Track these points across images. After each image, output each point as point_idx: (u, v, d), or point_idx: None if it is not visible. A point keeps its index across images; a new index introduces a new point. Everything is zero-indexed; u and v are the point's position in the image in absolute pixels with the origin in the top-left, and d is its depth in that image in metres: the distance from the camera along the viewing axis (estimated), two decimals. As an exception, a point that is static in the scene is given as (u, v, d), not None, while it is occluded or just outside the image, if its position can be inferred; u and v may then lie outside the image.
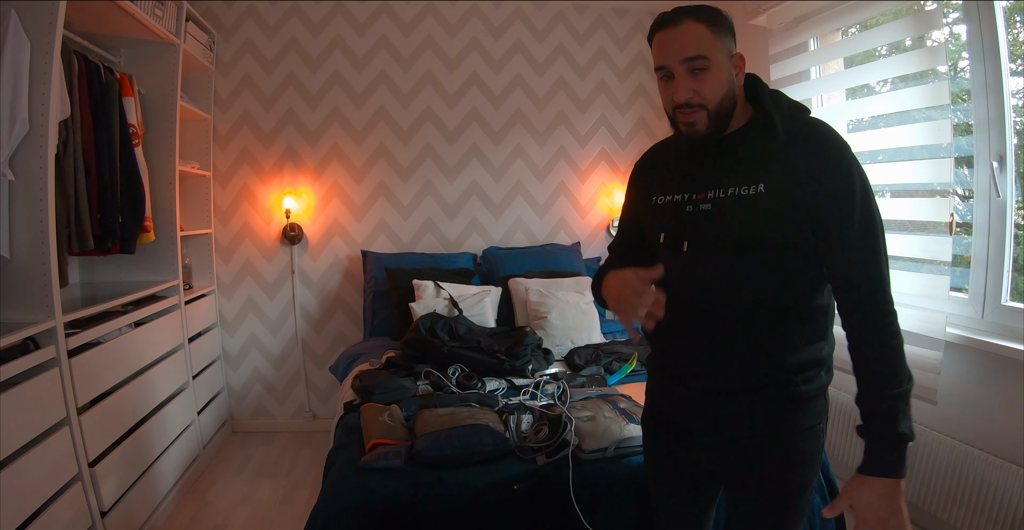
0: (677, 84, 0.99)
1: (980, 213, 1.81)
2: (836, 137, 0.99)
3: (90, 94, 1.96)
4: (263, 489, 2.47)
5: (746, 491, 1.10)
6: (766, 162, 1.00)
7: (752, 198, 0.99)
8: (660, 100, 1.11)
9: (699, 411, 1.10)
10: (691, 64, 0.97)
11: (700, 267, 1.04)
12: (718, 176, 1.04)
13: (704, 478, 1.17)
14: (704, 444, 1.11)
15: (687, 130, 1.03)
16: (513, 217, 3.26)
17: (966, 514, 1.75)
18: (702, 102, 0.99)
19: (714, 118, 1.00)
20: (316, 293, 3.11)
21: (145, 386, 2.14)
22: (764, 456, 1.06)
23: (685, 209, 1.06)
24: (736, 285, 1.02)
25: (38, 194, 1.60)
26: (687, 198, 1.07)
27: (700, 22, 0.98)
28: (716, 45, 0.98)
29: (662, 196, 1.11)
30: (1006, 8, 1.72)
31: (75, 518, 1.64)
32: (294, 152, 3.03)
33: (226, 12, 2.91)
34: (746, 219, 0.99)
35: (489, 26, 3.14)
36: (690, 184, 1.07)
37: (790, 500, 1.08)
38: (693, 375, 1.09)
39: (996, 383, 1.75)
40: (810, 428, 1.06)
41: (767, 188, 0.98)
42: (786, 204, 0.97)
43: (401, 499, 1.40)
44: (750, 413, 1.05)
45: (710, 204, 1.03)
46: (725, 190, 1.02)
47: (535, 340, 2.33)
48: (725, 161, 1.05)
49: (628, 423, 1.62)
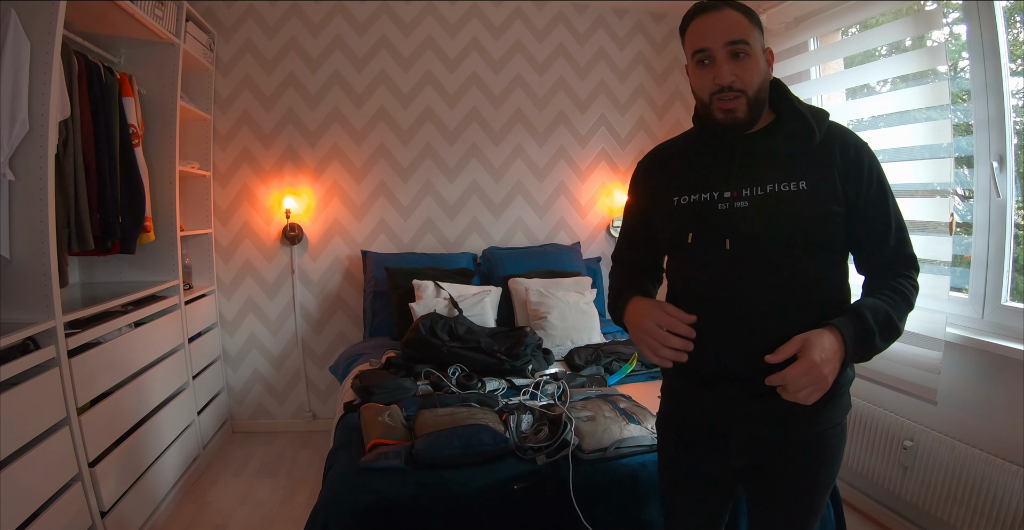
0: (719, 67, 1.00)
1: (980, 213, 1.81)
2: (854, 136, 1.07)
3: (90, 94, 1.96)
4: (263, 489, 2.47)
5: (771, 490, 1.10)
6: (804, 160, 1.03)
7: (794, 194, 1.01)
8: (660, 100, 1.12)
9: (730, 413, 1.07)
10: (734, 47, 0.99)
11: (741, 265, 1.04)
12: (752, 174, 1.05)
13: (724, 480, 1.15)
14: (732, 446, 1.10)
15: (725, 117, 1.02)
16: (513, 217, 3.26)
17: (966, 514, 1.75)
18: (743, 87, 1.00)
19: (752, 106, 1.02)
20: (316, 293, 3.11)
21: (145, 386, 2.14)
22: (792, 455, 1.06)
23: (717, 207, 1.05)
24: (777, 282, 1.02)
25: (38, 194, 1.60)
26: (717, 196, 1.06)
27: (739, 12, 1.01)
28: (753, 35, 1.01)
29: (685, 196, 1.10)
30: (1006, 8, 1.71)
31: (75, 518, 1.63)
32: (294, 152, 3.03)
33: (226, 12, 2.91)
34: (790, 214, 1.01)
35: (489, 26, 3.14)
36: (718, 182, 1.07)
37: (814, 498, 1.08)
38: (727, 377, 1.06)
39: (996, 383, 1.75)
40: (837, 425, 1.06)
41: (809, 184, 1.01)
42: (827, 200, 1.01)
43: (401, 499, 1.40)
44: (782, 412, 1.03)
45: (746, 202, 1.03)
46: (763, 187, 1.03)
47: (535, 340, 2.33)
48: (757, 159, 1.06)
49: (628, 423, 1.62)
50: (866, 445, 2.10)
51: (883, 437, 2.04)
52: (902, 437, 1.96)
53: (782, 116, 1.07)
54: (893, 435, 2.00)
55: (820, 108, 1.10)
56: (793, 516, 1.09)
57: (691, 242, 1.08)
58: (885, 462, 2.03)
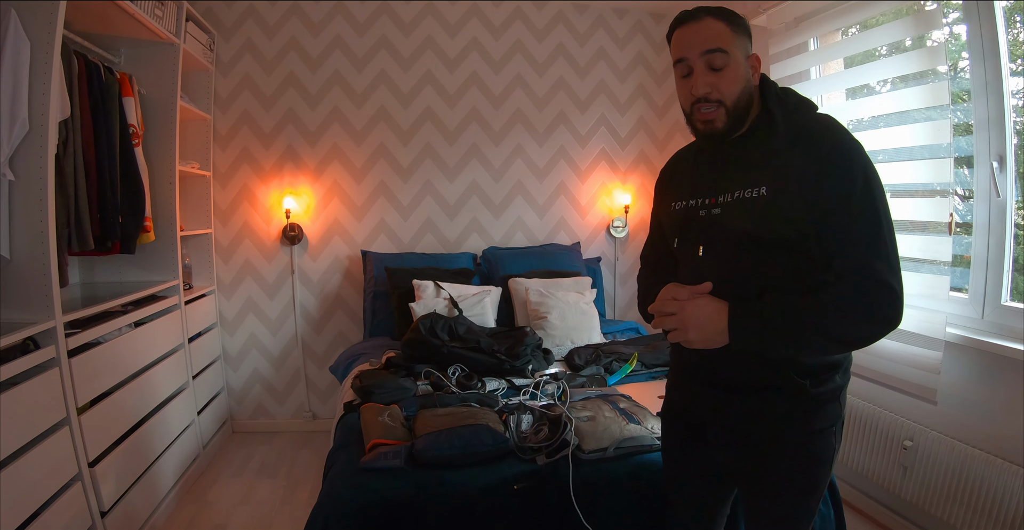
0: (696, 78, 1.01)
1: (980, 213, 1.81)
2: (837, 131, 0.99)
3: (90, 94, 1.96)
4: (263, 489, 2.47)
5: (758, 490, 1.11)
6: (766, 164, 1.02)
7: (754, 201, 1.01)
8: (660, 100, 1.13)
9: (709, 406, 1.13)
10: (711, 57, 1.00)
11: (711, 270, 1.06)
12: (727, 180, 1.07)
13: (719, 474, 1.19)
14: (717, 440, 1.14)
15: (705, 128, 1.04)
16: (513, 217, 3.26)
17: (966, 514, 1.75)
18: (720, 98, 1.01)
19: (732, 115, 1.02)
20: (316, 293, 3.11)
21: (145, 386, 2.14)
22: (776, 456, 1.07)
23: (698, 214, 1.10)
24: (744, 287, 1.03)
25: (38, 194, 1.60)
26: (700, 203, 1.10)
27: (720, 20, 1.01)
28: (735, 42, 1.01)
29: (678, 202, 1.15)
30: (1006, 8, 1.71)
31: (75, 518, 1.63)
32: (294, 152, 3.03)
33: (226, 12, 2.91)
34: (748, 222, 1.01)
35: (489, 26, 3.14)
36: (702, 189, 1.11)
37: (799, 501, 1.09)
38: (704, 371, 1.12)
39: (996, 383, 1.75)
40: (822, 431, 1.06)
41: (768, 190, 1.00)
42: (786, 205, 0.98)
43: (401, 499, 1.40)
44: (760, 412, 1.06)
45: (720, 208, 1.06)
46: (732, 194, 1.05)
47: (535, 340, 2.33)
48: (734, 164, 1.07)
49: (628, 423, 1.62)
50: (866, 445, 2.10)
51: (883, 437, 2.04)
52: (902, 437, 1.96)
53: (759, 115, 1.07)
54: (893, 435, 2.00)
55: (807, 101, 1.06)
56: (778, 516, 1.10)
57: (676, 246, 1.15)
58: (885, 462, 2.03)
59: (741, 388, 1.07)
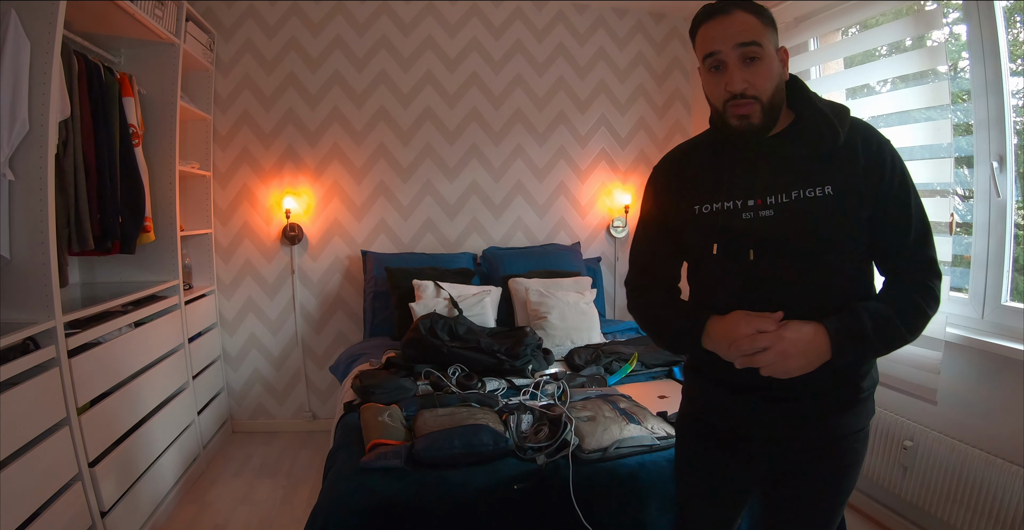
0: (731, 74, 0.97)
1: (980, 213, 1.81)
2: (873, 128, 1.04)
3: (90, 94, 1.96)
4: (263, 489, 2.47)
5: (791, 496, 1.09)
6: (829, 163, 1.00)
7: (820, 200, 0.98)
8: (660, 100, 1.11)
9: (758, 419, 1.06)
10: (745, 50, 0.96)
11: (766, 275, 1.01)
12: (775, 180, 1.01)
13: (743, 483, 1.15)
14: (757, 451, 1.09)
15: (740, 124, 0.99)
16: (513, 217, 3.26)
17: (966, 514, 1.75)
18: (756, 93, 0.97)
19: (767, 110, 0.98)
20: (316, 293, 3.11)
21: (145, 386, 2.14)
22: (817, 460, 1.05)
23: (741, 217, 1.02)
24: (803, 290, 1.00)
25: (38, 194, 1.60)
26: (741, 205, 1.02)
27: (749, 13, 0.98)
28: (766, 35, 0.98)
29: (707, 204, 1.05)
30: (1006, 8, 1.71)
31: (75, 518, 1.63)
32: (294, 152, 3.03)
33: (226, 12, 2.91)
34: (817, 222, 0.98)
35: (489, 26, 3.14)
36: (742, 190, 1.03)
37: (835, 502, 1.08)
38: (758, 385, 1.02)
39: (996, 383, 1.75)
40: (861, 430, 1.05)
41: (835, 189, 0.98)
42: (854, 203, 0.98)
43: (401, 499, 1.40)
44: (810, 417, 1.03)
45: (771, 210, 1.00)
46: (788, 194, 1.00)
47: (535, 340, 2.33)
48: (780, 164, 1.02)
49: (628, 423, 1.62)
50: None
51: (883, 437, 2.04)
52: (902, 437, 1.96)
53: (802, 117, 1.03)
54: (893, 435, 2.00)
55: (840, 104, 1.05)
56: (814, 522, 1.08)
57: (716, 253, 1.05)
58: (885, 462, 2.03)
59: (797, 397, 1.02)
